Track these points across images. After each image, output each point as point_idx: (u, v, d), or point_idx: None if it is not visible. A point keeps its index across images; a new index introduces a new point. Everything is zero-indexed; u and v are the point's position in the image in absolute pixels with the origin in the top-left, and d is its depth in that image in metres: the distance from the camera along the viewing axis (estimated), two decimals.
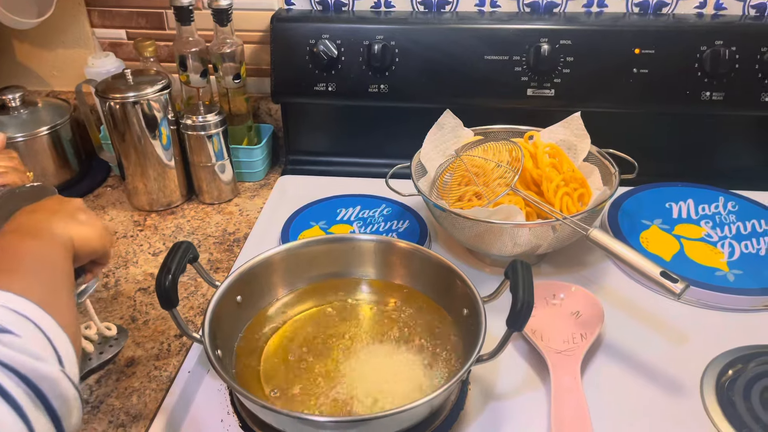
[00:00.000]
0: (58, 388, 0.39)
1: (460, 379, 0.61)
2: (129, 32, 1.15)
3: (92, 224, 0.58)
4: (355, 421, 0.61)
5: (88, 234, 0.57)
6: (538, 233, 0.80)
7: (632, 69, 0.98)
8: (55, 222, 0.54)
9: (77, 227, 0.56)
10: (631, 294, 0.84)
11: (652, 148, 1.00)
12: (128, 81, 0.96)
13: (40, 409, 0.38)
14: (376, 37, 1.01)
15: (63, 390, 0.40)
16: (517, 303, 0.60)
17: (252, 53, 1.14)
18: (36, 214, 0.56)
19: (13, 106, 1.05)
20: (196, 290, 0.86)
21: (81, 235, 0.56)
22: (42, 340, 0.41)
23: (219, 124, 1.00)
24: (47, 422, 0.39)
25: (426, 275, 0.77)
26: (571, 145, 0.93)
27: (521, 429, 0.66)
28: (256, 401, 0.58)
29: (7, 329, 0.39)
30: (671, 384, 0.71)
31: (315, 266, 0.79)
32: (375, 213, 1.00)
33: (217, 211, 1.04)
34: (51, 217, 0.55)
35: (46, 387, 0.39)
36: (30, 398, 0.38)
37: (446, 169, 0.91)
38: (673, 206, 0.97)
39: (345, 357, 0.70)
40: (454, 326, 0.73)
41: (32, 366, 0.38)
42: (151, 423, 0.67)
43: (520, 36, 0.99)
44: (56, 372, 0.40)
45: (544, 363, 0.72)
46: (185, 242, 0.67)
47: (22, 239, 0.51)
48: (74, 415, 0.41)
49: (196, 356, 0.75)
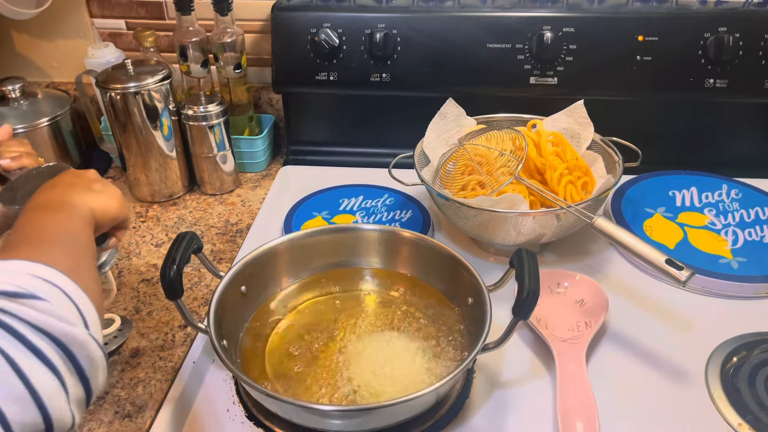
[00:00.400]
0: (86, 350, 0.41)
1: (466, 368, 0.61)
2: (128, 22, 1.14)
3: (108, 192, 0.59)
4: (362, 410, 0.61)
5: (105, 202, 0.58)
6: (543, 222, 0.80)
7: (636, 56, 0.97)
8: (74, 194, 0.56)
9: (95, 197, 0.57)
10: (635, 282, 0.84)
11: (655, 136, 0.99)
12: (129, 71, 0.96)
13: (71, 369, 0.40)
14: (377, 26, 1.00)
15: (91, 352, 0.42)
16: (523, 291, 0.60)
17: (252, 43, 1.13)
18: (55, 189, 0.57)
19: (13, 97, 1.04)
20: (199, 281, 0.86)
21: (99, 203, 0.57)
22: (69, 304, 0.43)
23: (220, 115, 1.00)
24: (77, 382, 0.41)
25: (430, 265, 0.77)
26: (574, 133, 0.92)
27: (527, 417, 0.66)
28: (262, 391, 0.58)
29: (36, 295, 0.41)
30: (676, 371, 0.71)
31: (319, 256, 0.79)
32: (377, 203, 1.00)
33: (219, 202, 1.04)
34: (69, 190, 0.56)
35: (76, 349, 0.40)
36: (62, 359, 0.40)
37: (449, 158, 0.91)
38: (677, 194, 0.97)
39: (350, 346, 0.71)
40: (459, 315, 0.74)
41: (63, 329, 0.40)
42: (157, 413, 0.67)
43: (522, 24, 0.98)
44: (85, 335, 0.41)
45: (549, 351, 0.72)
46: (189, 233, 0.67)
47: (44, 214, 0.53)
48: (101, 375, 0.43)
49: (201, 347, 0.75)
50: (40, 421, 0.37)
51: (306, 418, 0.62)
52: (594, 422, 0.62)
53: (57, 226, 0.52)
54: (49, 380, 0.38)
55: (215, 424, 0.66)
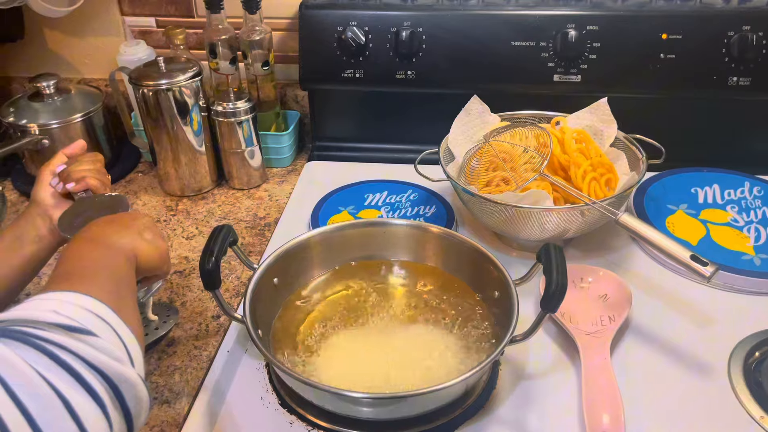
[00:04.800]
0: (134, 390, 0.41)
1: (495, 359, 0.63)
2: (158, 20, 1.17)
3: (156, 245, 0.62)
4: (393, 398, 0.63)
5: (151, 253, 0.61)
6: (567, 218, 0.82)
7: (659, 54, 0.98)
8: (125, 237, 0.59)
9: (143, 244, 0.60)
10: (658, 277, 0.85)
11: (677, 133, 1.00)
12: (161, 68, 0.98)
13: (118, 408, 0.40)
14: (403, 24, 1.02)
15: (138, 392, 0.42)
16: (551, 285, 0.61)
17: (279, 40, 1.15)
18: (110, 226, 0.60)
19: (47, 93, 1.07)
20: (230, 273, 0.88)
21: (145, 252, 0.60)
22: (118, 341, 0.43)
23: (249, 111, 1.02)
24: (122, 420, 0.41)
25: (457, 259, 0.79)
26: (597, 130, 0.93)
27: (552, 408, 0.68)
28: (298, 378, 0.60)
29: (89, 330, 0.41)
30: (699, 366, 0.72)
31: (349, 249, 0.81)
32: (402, 198, 1.02)
33: (247, 197, 1.07)
34: (122, 231, 0.59)
35: (125, 388, 0.41)
36: (111, 398, 0.40)
37: (473, 154, 0.93)
38: (699, 191, 0.98)
39: (379, 336, 0.73)
40: (485, 308, 0.75)
41: (116, 368, 0.40)
42: (194, 400, 0.69)
43: (546, 22, 1.00)
44: (135, 375, 0.42)
45: (574, 344, 0.74)
46: (226, 226, 0.69)
47: (94, 248, 0.55)
48: (143, 415, 0.43)
49: (234, 336, 0.77)
50: None
51: (339, 405, 0.64)
52: (619, 414, 0.64)
53: (105, 262, 0.53)
54: (99, 420, 0.38)
55: (250, 411, 0.68)
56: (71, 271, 0.50)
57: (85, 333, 0.41)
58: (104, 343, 0.41)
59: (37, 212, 0.72)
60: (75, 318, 0.41)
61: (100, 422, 0.39)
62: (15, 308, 0.42)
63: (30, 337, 0.38)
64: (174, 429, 0.66)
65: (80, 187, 0.72)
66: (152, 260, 0.61)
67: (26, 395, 0.35)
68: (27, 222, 0.72)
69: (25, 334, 0.38)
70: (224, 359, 0.74)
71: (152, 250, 0.61)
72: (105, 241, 0.57)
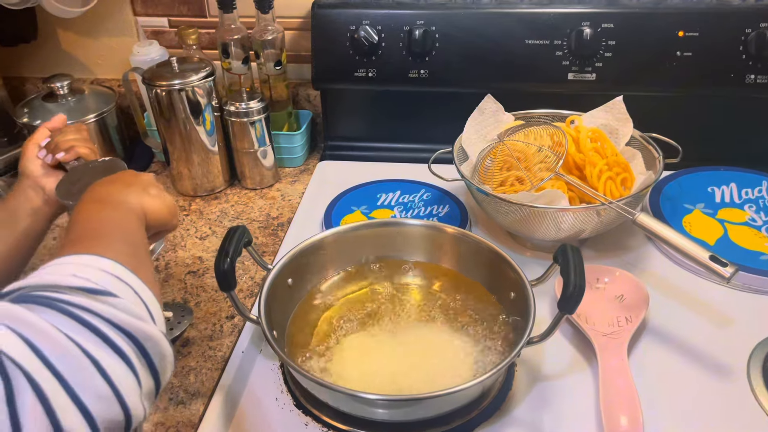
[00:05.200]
0: (158, 347, 0.42)
1: (512, 361, 0.62)
2: (171, 20, 1.17)
3: (162, 198, 0.61)
4: (409, 400, 0.62)
5: (158, 207, 0.60)
6: (583, 218, 0.81)
7: (675, 52, 0.97)
8: (130, 194, 0.58)
9: (149, 200, 0.59)
10: (675, 278, 0.84)
11: (694, 131, 0.99)
12: (174, 68, 0.98)
13: (144, 365, 0.41)
14: (416, 23, 1.01)
15: (162, 348, 0.42)
16: (569, 286, 0.61)
17: (291, 40, 1.15)
18: (113, 185, 0.59)
19: (61, 93, 1.08)
20: (244, 273, 0.88)
21: (152, 207, 0.59)
22: (138, 301, 0.44)
23: (261, 111, 1.02)
24: (149, 377, 0.42)
25: (472, 260, 0.78)
26: (612, 129, 0.92)
27: (569, 409, 0.68)
28: (314, 380, 0.60)
29: (112, 292, 0.41)
30: (718, 367, 0.71)
31: (363, 249, 0.81)
32: (415, 198, 1.01)
33: (259, 196, 1.06)
34: (126, 189, 0.58)
35: (149, 345, 0.41)
36: (137, 356, 0.40)
37: (487, 154, 0.92)
38: (716, 190, 0.97)
39: (393, 337, 0.72)
40: (501, 309, 0.75)
41: (138, 326, 0.41)
42: (210, 400, 0.69)
43: (561, 20, 0.99)
44: (157, 332, 0.42)
45: (590, 345, 0.73)
46: (240, 227, 0.69)
47: (102, 208, 0.54)
48: (169, 370, 0.44)
49: (249, 337, 0.77)
50: (121, 417, 0.38)
51: (354, 407, 0.64)
52: (638, 416, 0.63)
53: (116, 222, 0.53)
54: (128, 378, 0.39)
55: (265, 413, 0.68)
56: (84, 234, 0.50)
57: (106, 294, 0.41)
58: (126, 303, 0.41)
59: (28, 185, 0.71)
60: (94, 280, 0.41)
61: (129, 380, 0.39)
62: (33, 275, 0.42)
63: (53, 301, 0.39)
64: (190, 430, 0.66)
65: (70, 156, 0.71)
66: (161, 215, 0.60)
67: (56, 357, 0.36)
68: (18, 196, 0.71)
69: (48, 299, 0.39)
70: (239, 360, 0.74)
71: (160, 204, 0.60)
72: (112, 201, 0.56)
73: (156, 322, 0.44)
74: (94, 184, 0.59)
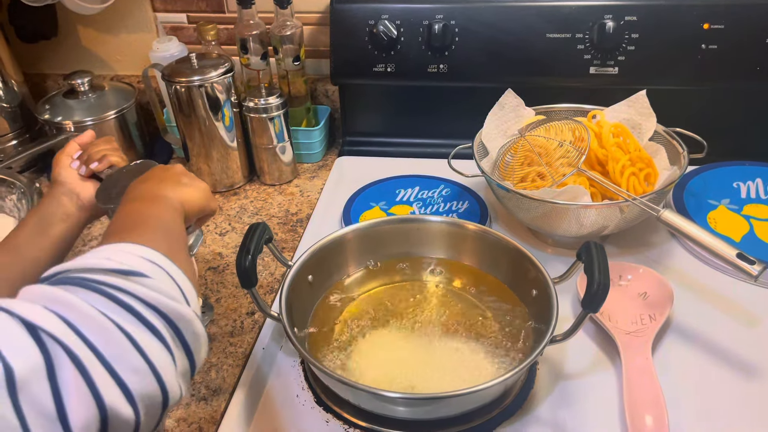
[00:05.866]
0: (192, 327, 0.43)
1: (535, 359, 0.62)
2: (190, 16, 1.17)
3: (196, 186, 0.62)
4: (431, 399, 0.62)
5: (193, 195, 0.61)
6: (606, 214, 0.80)
7: (701, 45, 0.95)
8: (165, 188, 0.59)
9: (184, 189, 0.60)
10: (700, 275, 0.83)
11: (719, 126, 0.97)
12: (193, 65, 0.98)
13: (178, 344, 0.42)
14: (435, 17, 1.00)
15: (195, 328, 0.43)
16: (593, 284, 0.60)
17: (309, 35, 1.15)
18: (147, 183, 0.60)
19: (82, 90, 1.08)
20: (264, 269, 0.88)
21: (187, 197, 0.60)
22: (172, 283, 0.44)
23: (280, 107, 1.02)
24: (183, 356, 0.42)
25: (494, 257, 0.77)
26: (635, 124, 0.91)
27: (592, 409, 0.67)
28: (337, 378, 0.60)
29: (143, 273, 0.42)
30: (745, 366, 0.70)
31: (383, 246, 0.80)
32: (434, 194, 1.01)
33: (278, 192, 1.07)
34: (159, 184, 0.59)
35: (182, 325, 0.42)
36: (170, 334, 0.41)
37: (508, 149, 0.91)
38: (741, 186, 0.95)
39: (414, 335, 0.72)
40: (523, 307, 0.74)
41: (171, 306, 0.41)
42: (231, 397, 0.70)
43: (583, 13, 0.97)
44: (190, 312, 0.43)
45: (613, 344, 0.72)
46: (261, 224, 0.69)
47: (140, 205, 0.56)
48: (203, 350, 0.45)
49: (269, 333, 0.77)
50: (158, 393, 0.39)
51: (375, 405, 0.64)
52: (663, 416, 0.62)
53: (153, 216, 0.54)
54: (163, 354, 0.40)
55: (286, 409, 0.68)
56: (121, 228, 0.51)
57: (138, 275, 0.42)
58: (158, 284, 0.42)
59: (62, 191, 0.72)
60: (127, 262, 0.42)
61: (164, 356, 0.40)
62: (70, 261, 0.43)
63: (87, 281, 0.40)
64: (211, 426, 0.67)
65: (104, 165, 0.72)
66: (198, 201, 0.61)
67: (92, 333, 0.37)
68: (52, 202, 0.72)
69: (83, 279, 0.40)
70: (260, 356, 0.74)
71: (194, 191, 0.61)
72: (149, 197, 0.57)
73: (190, 304, 0.45)
74: (130, 185, 0.61)
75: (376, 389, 0.59)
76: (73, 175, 0.73)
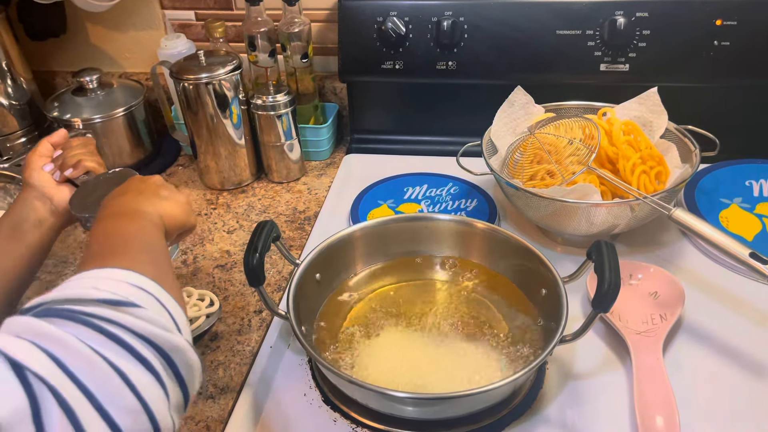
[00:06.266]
0: (185, 357, 0.41)
1: (544, 360, 0.61)
2: (198, 13, 1.17)
3: (175, 199, 0.61)
4: (440, 399, 0.62)
5: (174, 210, 0.60)
6: (616, 213, 0.79)
7: (713, 41, 0.94)
8: (143, 202, 0.57)
9: (163, 204, 0.59)
10: (711, 274, 0.82)
11: (731, 123, 0.96)
12: (201, 62, 0.98)
13: (171, 376, 0.40)
14: (444, 14, 1.00)
15: (189, 358, 0.42)
16: (603, 284, 0.59)
17: (317, 32, 1.14)
18: (125, 196, 0.59)
19: (90, 88, 1.08)
20: (271, 267, 0.88)
21: (168, 211, 0.58)
22: (163, 311, 0.43)
23: (288, 104, 1.01)
24: (176, 388, 0.41)
25: (503, 255, 0.77)
26: (646, 121, 0.90)
27: (601, 409, 0.66)
28: (343, 376, 0.60)
29: (135, 303, 0.41)
30: (758, 367, 0.69)
31: (392, 244, 0.80)
32: (442, 192, 1.00)
33: (286, 190, 1.06)
34: (138, 197, 0.58)
35: (176, 356, 0.41)
36: (163, 366, 0.40)
37: (517, 147, 0.90)
38: (754, 184, 0.94)
39: (422, 333, 0.71)
40: (532, 306, 0.74)
41: (164, 336, 0.40)
42: (239, 395, 0.69)
43: (593, 9, 0.96)
44: (183, 342, 0.42)
45: (623, 343, 0.72)
46: (269, 222, 0.68)
47: (120, 222, 0.54)
48: (197, 380, 0.44)
49: (277, 331, 0.77)
50: (150, 429, 0.38)
51: (383, 404, 0.64)
52: (674, 416, 0.62)
53: (133, 234, 0.52)
54: (155, 389, 0.39)
55: (294, 408, 0.68)
56: (101, 250, 0.49)
57: (129, 305, 0.40)
58: (149, 314, 0.41)
59: (34, 195, 0.69)
60: (116, 291, 0.41)
61: (157, 391, 0.39)
62: (54, 290, 0.41)
63: (76, 314, 0.38)
64: (219, 425, 0.66)
65: (79, 171, 0.69)
66: (179, 217, 0.60)
67: (81, 371, 0.36)
68: (24, 206, 0.68)
69: (71, 311, 0.38)
70: (267, 355, 0.74)
71: (173, 206, 0.59)
72: (127, 212, 0.55)
73: (182, 332, 0.44)
74: (107, 198, 0.59)
75: (384, 389, 0.59)
76: (46, 178, 0.70)
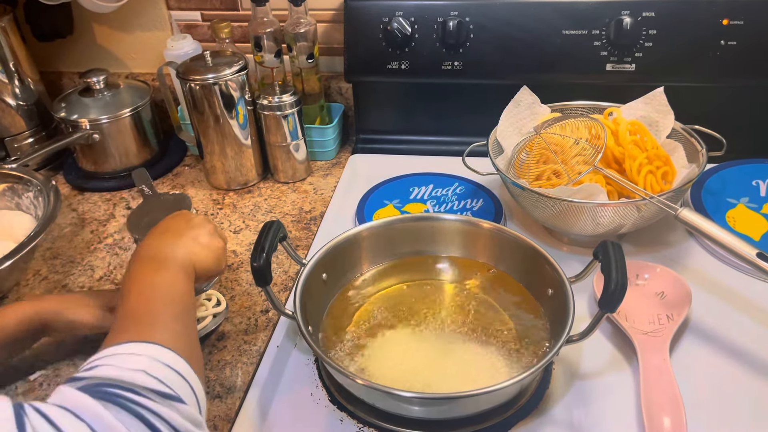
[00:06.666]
0: None
1: (551, 360, 0.61)
2: (204, 14, 1.17)
3: (213, 247, 0.65)
4: (446, 399, 0.62)
5: (207, 258, 0.64)
6: (623, 213, 0.79)
7: (720, 41, 0.94)
8: (180, 247, 0.62)
9: (199, 251, 0.63)
10: (718, 274, 0.82)
11: (738, 123, 0.95)
12: (207, 63, 0.98)
13: None
14: (450, 14, 1.00)
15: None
16: (610, 284, 0.59)
17: (323, 32, 1.14)
18: (164, 235, 0.63)
19: (97, 88, 1.08)
20: (277, 267, 0.88)
21: (200, 257, 0.63)
22: (193, 398, 0.47)
23: (294, 104, 1.01)
24: None
25: (509, 255, 0.77)
26: (652, 121, 0.90)
27: (608, 409, 0.66)
28: (350, 375, 0.60)
29: (179, 397, 0.45)
30: (764, 366, 0.69)
31: (398, 244, 0.80)
32: (448, 192, 1.00)
33: (292, 190, 1.06)
34: (177, 241, 0.62)
35: None
36: None
37: (523, 147, 0.90)
38: (761, 184, 0.94)
39: (428, 334, 0.72)
40: (538, 306, 0.74)
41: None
42: (246, 395, 0.70)
43: (599, 9, 0.96)
44: None
45: (629, 344, 0.72)
46: (276, 222, 0.69)
47: (153, 269, 0.58)
48: None
49: (283, 331, 0.77)
50: None
51: (390, 404, 0.64)
52: (681, 417, 0.61)
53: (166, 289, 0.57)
54: None
55: (301, 408, 0.68)
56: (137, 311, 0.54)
57: (175, 400, 0.45)
58: (190, 410, 0.45)
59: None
60: (165, 382, 0.45)
61: None
62: (100, 360, 0.45)
63: (127, 402, 0.42)
64: (226, 424, 0.67)
65: None
66: (208, 265, 0.64)
67: None
68: None
69: (123, 399, 0.42)
70: (274, 354, 0.74)
71: (208, 254, 0.64)
72: (162, 258, 0.60)
73: (201, 410, 0.49)
74: (152, 231, 0.64)
75: (391, 388, 0.59)
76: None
